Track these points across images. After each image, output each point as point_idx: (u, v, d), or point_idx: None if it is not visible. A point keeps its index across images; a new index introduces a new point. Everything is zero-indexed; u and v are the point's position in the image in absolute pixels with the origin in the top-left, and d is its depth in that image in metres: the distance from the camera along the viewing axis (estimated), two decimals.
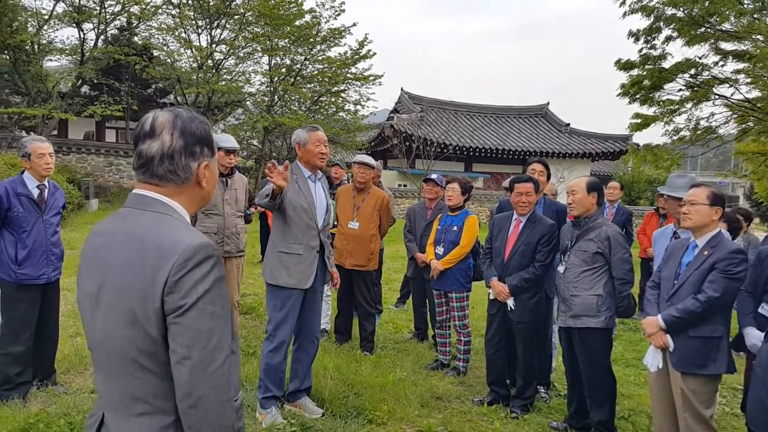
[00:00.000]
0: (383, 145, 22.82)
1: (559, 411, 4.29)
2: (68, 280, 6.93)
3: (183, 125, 1.40)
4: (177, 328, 1.25)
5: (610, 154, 24.98)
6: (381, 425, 3.75)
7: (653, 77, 13.60)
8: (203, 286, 1.27)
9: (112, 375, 1.35)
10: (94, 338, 1.38)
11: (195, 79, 18.11)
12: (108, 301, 1.32)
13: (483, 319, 6.03)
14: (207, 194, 1.49)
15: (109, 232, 1.39)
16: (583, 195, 3.74)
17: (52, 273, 3.90)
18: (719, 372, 3.01)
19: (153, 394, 1.30)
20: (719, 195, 3.15)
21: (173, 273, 1.25)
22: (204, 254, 1.29)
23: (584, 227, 3.77)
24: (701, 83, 13.46)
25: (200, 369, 1.25)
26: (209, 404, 1.25)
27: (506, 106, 27.52)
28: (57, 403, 3.73)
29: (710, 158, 34.92)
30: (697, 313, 2.99)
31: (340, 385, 4.18)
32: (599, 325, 3.63)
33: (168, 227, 1.34)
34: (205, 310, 1.26)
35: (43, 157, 3.82)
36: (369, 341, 5.27)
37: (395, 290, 7.83)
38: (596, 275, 3.67)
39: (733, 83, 13.16)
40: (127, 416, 1.33)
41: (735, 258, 2.99)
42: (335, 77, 19.58)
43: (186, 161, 1.40)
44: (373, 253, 5.29)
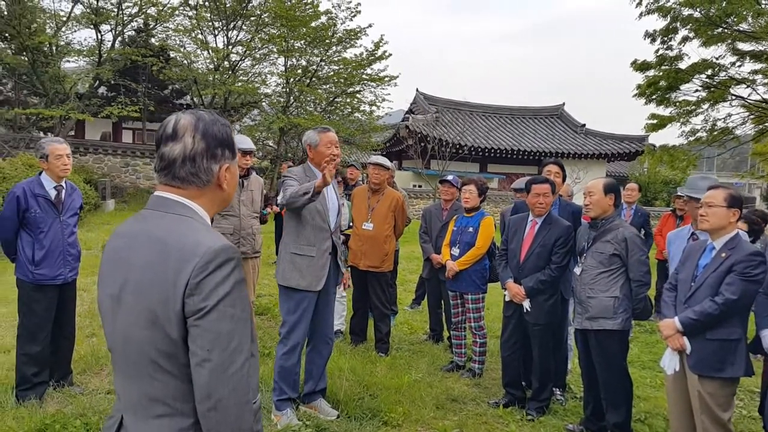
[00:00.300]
0: (398, 146, 22.84)
1: (575, 413, 4.27)
2: (85, 281, 7.05)
3: (205, 128, 1.41)
4: (197, 330, 1.26)
5: (626, 154, 24.77)
6: (396, 427, 3.76)
7: (669, 78, 13.49)
8: (224, 288, 1.28)
9: (132, 376, 1.36)
10: (114, 339, 1.40)
11: (211, 80, 18.25)
12: (129, 302, 1.33)
13: (498, 321, 6.01)
14: (228, 196, 1.50)
15: (131, 233, 1.41)
16: (600, 196, 3.72)
17: (69, 273, 3.94)
18: (737, 375, 2.99)
19: (172, 396, 1.31)
20: (737, 197, 3.12)
21: (194, 275, 1.26)
22: (225, 257, 1.30)
23: (601, 229, 3.75)
24: (718, 84, 13.32)
25: (220, 371, 1.25)
26: (228, 406, 1.26)
27: (521, 107, 27.42)
28: (73, 403, 3.76)
29: (727, 159, 34.49)
30: (714, 315, 2.97)
31: (355, 387, 4.19)
32: (616, 327, 3.62)
33: (189, 229, 1.35)
34: (225, 313, 1.27)
35: (60, 158, 3.86)
36: (384, 342, 5.27)
37: (410, 291, 7.84)
38: (613, 277, 3.65)
39: (751, 84, 13.01)
40: (145, 418, 1.34)
41: (753, 260, 2.97)
42: (351, 78, 19.61)
43: (208, 164, 1.41)
44: (387, 254, 5.28)
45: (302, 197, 3.54)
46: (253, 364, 1.42)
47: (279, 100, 20.10)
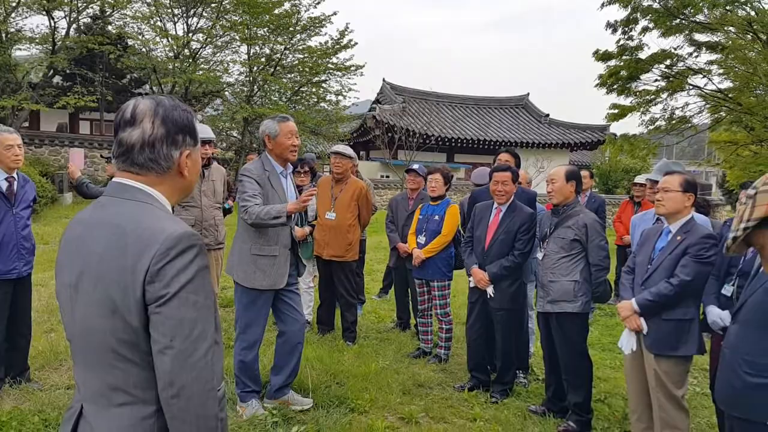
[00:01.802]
0: (365, 136, 22.76)
1: (538, 395, 4.37)
2: (42, 275, 6.85)
3: (165, 113, 1.38)
4: (159, 317, 1.24)
5: (589, 144, 25.30)
6: (363, 413, 3.77)
7: (630, 68, 13.79)
8: (186, 275, 1.26)
9: (92, 366, 1.33)
10: (72, 330, 1.36)
11: (171, 68, 17.83)
12: (87, 291, 1.30)
13: (464, 307, 6.08)
14: (189, 184, 1.47)
15: (89, 221, 1.37)
16: (562, 184, 3.80)
17: (24, 267, 3.80)
18: (690, 353, 3.10)
19: (133, 384, 1.29)
20: (692, 182, 3.22)
21: (155, 262, 1.24)
22: (187, 243, 1.28)
23: (563, 215, 3.84)
24: (676, 74, 13.68)
25: (182, 359, 1.23)
26: (192, 394, 1.24)
27: (487, 97, 27.67)
28: (31, 400, 3.66)
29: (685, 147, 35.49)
30: (669, 296, 3.07)
31: (322, 375, 4.19)
32: (576, 310, 3.72)
33: (149, 216, 1.32)
34: (187, 300, 1.25)
35: (11, 148, 3.71)
36: (351, 331, 5.28)
37: (378, 281, 7.86)
38: (573, 261, 3.74)
39: (707, 74, 13.40)
40: (107, 407, 1.31)
41: (706, 243, 3.07)
42: (316, 67, 19.41)
43: (168, 150, 1.38)
44: (351, 244, 5.26)
45: (273, 221, 3.39)
46: (217, 351, 1.40)
47: (242, 90, 19.78)
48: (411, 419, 3.75)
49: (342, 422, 3.58)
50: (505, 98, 27.78)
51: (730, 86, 13.26)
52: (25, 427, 3.19)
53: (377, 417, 3.71)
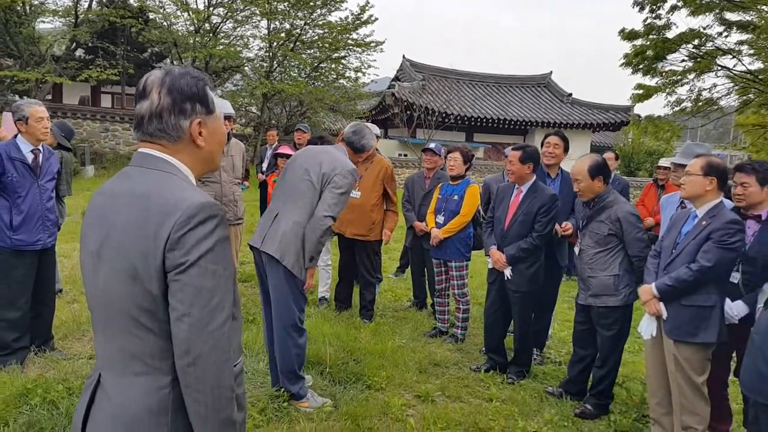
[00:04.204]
0: (384, 114, 22.62)
1: (554, 377, 4.36)
2: (65, 247, 6.97)
3: (172, 82, 1.37)
4: (177, 285, 1.25)
5: (612, 125, 24.80)
6: (379, 390, 3.80)
7: (657, 47, 13.46)
8: (206, 244, 1.26)
9: (111, 334, 1.35)
10: (94, 297, 1.38)
11: (192, 43, 17.78)
12: (110, 258, 1.32)
13: (481, 288, 6.09)
14: (209, 154, 1.46)
15: (113, 191, 1.39)
16: (588, 183, 3.71)
17: (48, 239, 3.87)
18: (710, 340, 3.04)
19: (150, 353, 1.30)
20: (715, 165, 3.11)
21: (176, 230, 1.24)
22: (208, 213, 1.28)
23: (594, 208, 3.75)
24: (704, 54, 13.33)
25: (200, 327, 1.24)
26: (208, 363, 1.25)
27: (508, 75, 27.21)
28: (55, 368, 3.75)
29: (710, 130, 34.75)
30: (689, 282, 3.01)
31: (339, 352, 4.22)
32: (618, 303, 3.65)
33: (172, 186, 1.33)
34: (207, 269, 1.26)
35: (41, 120, 3.76)
36: (368, 309, 5.30)
37: (395, 259, 7.86)
38: (611, 255, 3.68)
39: (736, 54, 13.03)
40: (123, 375, 1.33)
41: (730, 228, 2.98)
42: (336, 43, 19.23)
43: (175, 120, 1.37)
44: (374, 223, 5.24)
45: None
46: (235, 326, 1.41)
47: (262, 65, 19.69)
48: (427, 397, 3.77)
49: (359, 398, 3.61)
50: (527, 77, 27.31)
51: (760, 67, 12.87)
52: (50, 394, 3.26)
53: (393, 394, 3.73)
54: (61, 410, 3.13)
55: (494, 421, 3.52)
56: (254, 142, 18.39)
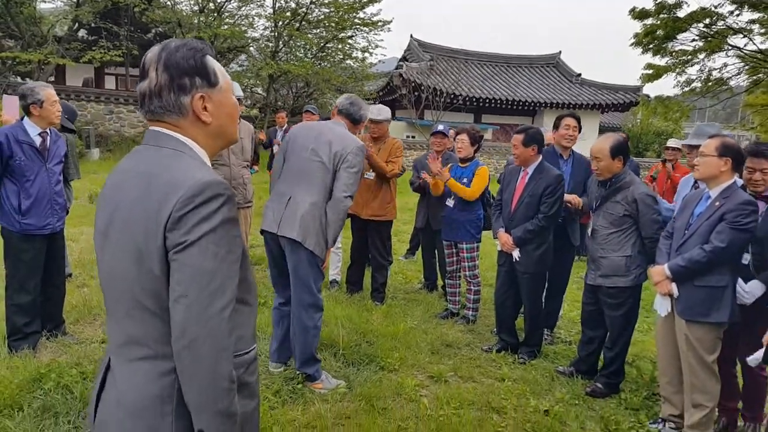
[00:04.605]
0: (392, 95, 22.44)
1: (565, 356, 4.39)
2: (73, 231, 6.99)
3: (167, 58, 1.31)
4: (176, 264, 1.21)
5: (621, 105, 24.56)
6: (393, 371, 3.83)
7: (667, 27, 13.28)
8: (209, 224, 1.21)
9: (117, 316, 1.32)
10: (102, 277, 1.36)
11: (196, 23, 17.66)
12: (115, 237, 1.29)
13: (492, 270, 6.10)
14: (219, 129, 1.40)
15: (125, 169, 1.36)
16: (608, 162, 3.67)
17: (57, 223, 3.84)
18: (722, 320, 3.04)
19: (154, 337, 1.27)
20: (730, 146, 3.07)
21: (177, 208, 1.20)
22: (214, 191, 1.24)
23: (611, 188, 3.72)
24: (715, 33, 13.15)
25: (196, 310, 1.19)
26: (203, 349, 1.19)
27: (517, 55, 26.93)
28: (68, 353, 3.76)
29: (718, 111, 34.41)
30: (702, 262, 3.00)
31: (352, 334, 4.25)
32: (628, 284, 3.66)
33: (181, 164, 1.29)
34: (207, 249, 1.20)
35: (55, 104, 3.73)
36: (380, 292, 5.32)
37: (404, 242, 7.87)
38: (624, 236, 3.67)
39: (747, 33, 12.86)
40: (129, 360, 1.30)
41: (744, 209, 2.96)
42: (342, 22, 19.03)
43: (175, 97, 1.32)
44: (389, 202, 5.25)
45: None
46: (248, 312, 1.38)
47: (267, 45, 19.55)
48: (440, 378, 3.80)
49: (372, 379, 3.64)
50: (536, 57, 27.01)
51: None
52: (63, 379, 3.26)
53: (407, 375, 3.76)
54: (75, 394, 3.14)
55: (506, 400, 3.55)
56: (261, 123, 18.32)
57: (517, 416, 3.38)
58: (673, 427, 3.31)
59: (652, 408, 3.62)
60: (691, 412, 3.14)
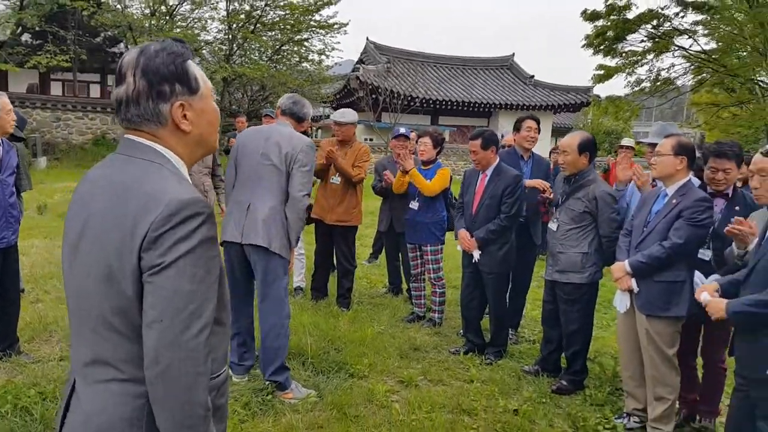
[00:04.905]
0: (349, 98, 22.42)
1: (530, 355, 4.47)
2: (22, 244, 6.64)
3: (146, 63, 1.24)
4: (150, 287, 1.14)
5: (572, 106, 25.22)
6: (363, 378, 3.81)
7: (617, 28, 13.73)
8: (186, 244, 1.15)
9: (83, 335, 1.26)
10: (69, 293, 1.29)
11: (148, 26, 17.23)
12: (85, 252, 1.22)
13: (455, 271, 6.14)
14: (199, 138, 1.33)
15: (97, 179, 1.28)
16: (575, 157, 3.76)
17: (12, 236, 3.67)
18: (681, 314, 3.15)
19: (123, 359, 1.20)
20: (684, 145, 3.19)
21: (154, 228, 1.14)
22: (192, 210, 1.18)
23: (574, 185, 3.81)
24: (663, 34, 13.66)
25: (171, 336, 1.13)
26: (178, 376, 1.13)
27: (472, 57, 27.34)
28: (24, 372, 3.57)
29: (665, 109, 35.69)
30: (662, 258, 3.10)
31: (320, 342, 4.21)
32: (583, 281, 3.75)
33: (157, 178, 1.22)
34: (185, 271, 1.15)
35: (10, 113, 3.56)
36: (346, 298, 5.29)
37: (367, 246, 7.84)
38: (583, 233, 3.75)
39: (692, 34, 13.43)
40: (95, 381, 1.24)
41: (700, 206, 3.06)
42: (298, 25, 18.94)
43: (154, 104, 1.25)
44: (355, 207, 5.21)
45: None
46: (221, 333, 1.33)
47: (221, 48, 19.25)
48: (410, 382, 3.80)
49: (343, 387, 3.61)
50: (490, 59, 27.47)
51: (714, 47, 13.28)
52: (21, 401, 3.10)
53: (377, 381, 3.75)
54: (35, 416, 2.98)
55: (476, 401, 3.58)
56: None
57: (488, 417, 3.41)
58: (638, 421, 3.39)
59: (616, 403, 3.70)
60: (654, 405, 3.24)
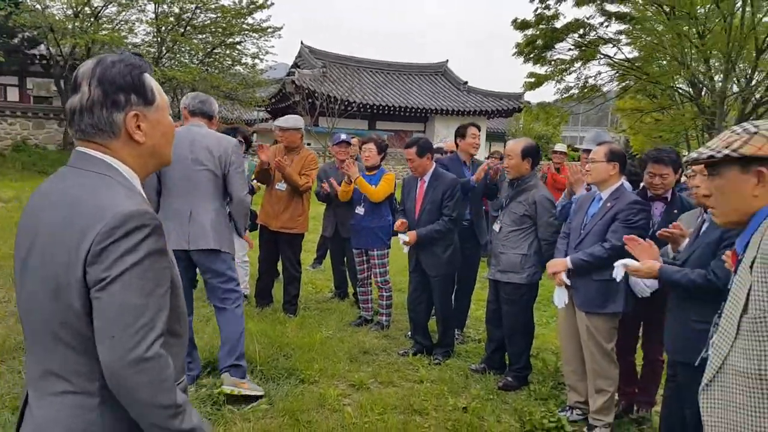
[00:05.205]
0: (285, 102, 22.16)
1: (476, 354, 4.59)
2: None
3: (102, 72, 1.25)
4: (98, 303, 1.14)
5: (505, 111, 26.04)
6: (313, 383, 3.79)
7: (546, 37, 14.27)
8: (132, 257, 1.15)
9: (34, 349, 1.25)
10: (21, 307, 1.28)
11: (71, 28, 16.37)
12: (34, 267, 1.21)
13: (399, 274, 6.22)
14: (152, 149, 1.33)
15: (47, 193, 1.27)
16: (518, 161, 3.91)
17: None
18: (618, 310, 3.33)
19: (75, 372, 1.20)
20: (616, 152, 3.40)
21: (98, 241, 1.14)
22: (137, 222, 1.17)
23: (517, 189, 3.96)
24: (588, 43, 14.33)
25: (122, 350, 1.13)
26: (136, 388, 1.15)
27: (407, 63, 27.67)
28: None
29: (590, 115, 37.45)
30: (603, 258, 3.25)
31: (268, 349, 4.15)
32: (522, 281, 3.89)
33: (104, 191, 1.21)
34: (131, 284, 1.14)
35: None
36: (293, 304, 5.24)
37: (310, 251, 7.80)
38: (523, 235, 3.90)
39: (616, 43, 14.15)
40: (47, 394, 1.22)
41: (633, 208, 3.26)
42: (230, 28, 18.56)
43: (108, 114, 1.25)
44: (300, 215, 5.16)
45: None
46: (176, 344, 1.33)
47: (149, 51, 18.56)
48: (361, 385, 3.82)
49: (294, 393, 3.58)
50: (425, 65, 27.93)
51: (637, 56, 14.07)
52: None
53: (328, 386, 3.74)
54: None
55: (427, 401, 3.64)
56: None
57: (439, 416, 3.48)
58: (580, 413, 3.56)
59: (559, 396, 3.86)
60: (595, 398, 3.40)
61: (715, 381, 1.46)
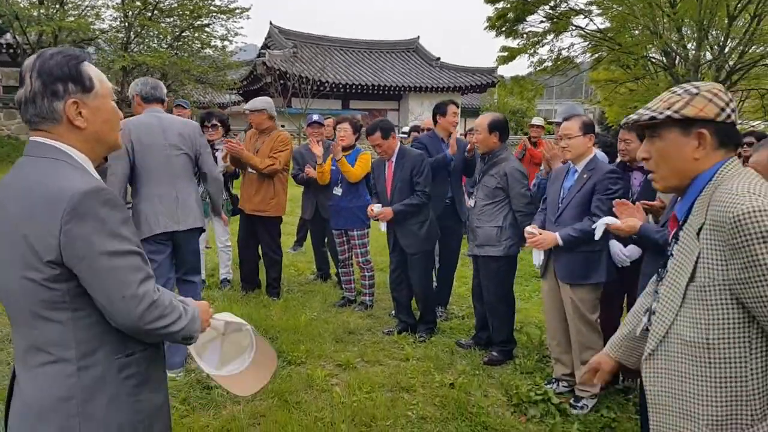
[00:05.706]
0: (256, 84, 21.86)
1: (461, 330, 4.64)
2: None
3: (41, 65, 1.34)
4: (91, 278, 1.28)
5: (479, 86, 26.01)
6: (301, 365, 3.81)
7: (517, 9, 14.12)
8: (102, 228, 1.28)
9: (18, 326, 1.37)
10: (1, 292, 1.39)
11: (36, 15, 15.81)
12: (4, 253, 1.32)
13: (380, 255, 6.24)
14: (95, 135, 1.42)
15: (8, 182, 1.37)
16: (485, 135, 3.93)
17: None
18: (601, 280, 3.38)
19: (54, 342, 1.31)
20: (589, 123, 3.42)
21: (65, 221, 1.24)
22: (93, 199, 1.28)
23: (488, 163, 3.98)
24: (560, 14, 14.22)
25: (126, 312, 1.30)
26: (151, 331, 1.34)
27: (378, 41, 27.44)
28: None
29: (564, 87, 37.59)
30: (591, 231, 3.28)
31: None
32: (499, 253, 3.92)
33: (59, 174, 1.31)
34: (102, 255, 1.27)
35: None
36: (275, 287, 5.23)
37: (291, 234, 7.77)
38: (497, 208, 3.93)
39: (588, 14, 14.06)
40: (30, 367, 1.34)
41: (610, 177, 3.30)
42: (197, 10, 18.07)
43: (48, 103, 1.34)
44: (273, 198, 5.08)
45: None
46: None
47: (117, 37, 18.04)
48: (348, 365, 3.84)
49: (281, 375, 3.59)
50: (396, 41, 27.71)
51: (609, 26, 14.06)
52: None
53: (315, 366, 3.76)
54: None
55: (414, 378, 3.68)
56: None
57: (426, 392, 3.52)
58: (566, 385, 3.62)
59: (544, 369, 3.93)
60: (581, 370, 3.43)
61: (658, 350, 1.44)
